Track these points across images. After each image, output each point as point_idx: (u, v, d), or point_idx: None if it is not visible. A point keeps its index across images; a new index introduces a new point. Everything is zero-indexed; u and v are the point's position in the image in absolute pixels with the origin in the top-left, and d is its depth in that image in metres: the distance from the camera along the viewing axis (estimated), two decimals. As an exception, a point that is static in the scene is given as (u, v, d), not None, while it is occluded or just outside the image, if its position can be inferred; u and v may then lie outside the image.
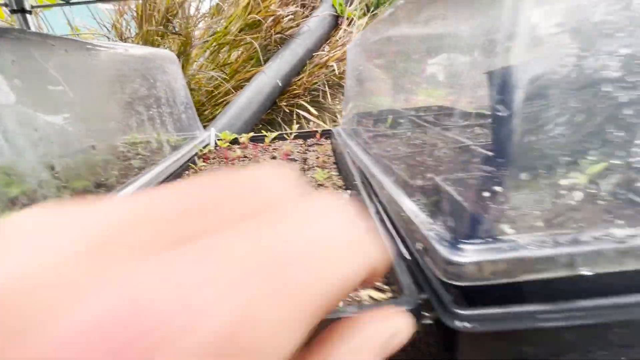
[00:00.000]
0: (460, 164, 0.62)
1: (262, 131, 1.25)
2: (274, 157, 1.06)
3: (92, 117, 0.78)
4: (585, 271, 0.30)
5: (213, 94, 2.68)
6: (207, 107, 2.73)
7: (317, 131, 1.27)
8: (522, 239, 0.34)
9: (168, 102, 1.02)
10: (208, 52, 2.66)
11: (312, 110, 2.17)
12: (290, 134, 1.21)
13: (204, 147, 1.12)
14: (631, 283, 0.35)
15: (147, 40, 2.16)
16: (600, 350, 0.39)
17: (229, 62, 2.66)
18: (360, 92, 1.27)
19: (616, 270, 0.32)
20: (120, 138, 0.86)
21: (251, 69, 2.50)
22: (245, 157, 1.06)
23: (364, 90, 1.28)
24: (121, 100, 0.88)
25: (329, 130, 1.33)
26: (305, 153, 1.10)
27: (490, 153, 0.65)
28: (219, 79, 2.48)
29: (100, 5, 2.43)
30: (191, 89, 2.50)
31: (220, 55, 2.69)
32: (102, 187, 0.76)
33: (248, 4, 2.32)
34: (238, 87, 2.49)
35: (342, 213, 0.10)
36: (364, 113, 1.42)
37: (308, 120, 2.20)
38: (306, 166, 0.95)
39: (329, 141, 1.26)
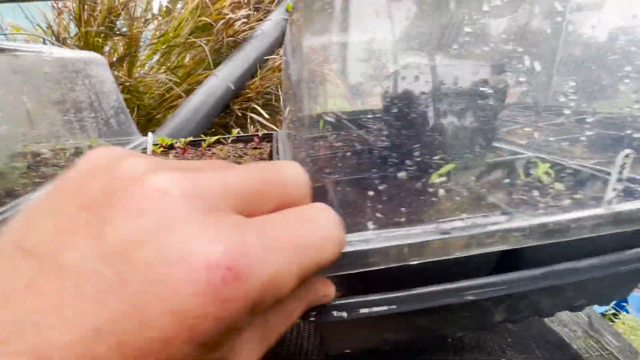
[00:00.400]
0: (359, 165, 0.66)
1: (214, 135, 1.25)
2: None
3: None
4: (415, 261, 0.34)
5: (165, 97, 2.60)
6: (159, 110, 2.64)
7: (257, 135, 1.27)
8: (370, 235, 0.37)
9: (92, 107, 0.98)
10: (159, 54, 2.58)
11: (264, 114, 2.18)
12: (228, 138, 1.21)
13: (136, 153, 1.09)
14: (473, 268, 0.39)
15: (87, 41, 2.06)
16: (454, 333, 0.43)
17: (181, 65, 2.59)
18: (293, 94, 1.29)
19: (443, 258, 0.36)
20: (35, 145, 0.82)
21: (204, 72, 2.46)
22: (177, 162, 1.04)
23: (297, 92, 1.30)
24: (34, 105, 0.84)
25: (271, 133, 1.34)
26: (241, 157, 1.10)
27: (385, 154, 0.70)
28: (170, 82, 2.42)
29: (37, 3, 2.29)
30: (139, 92, 2.41)
31: (171, 58, 2.62)
32: (9, 196, 0.72)
33: (197, 6, 2.28)
34: (190, 91, 2.44)
35: (332, 215, 0.18)
36: (299, 117, 1.45)
37: (261, 124, 2.20)
38: None
39: (269, 145, 1.27)
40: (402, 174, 0.54)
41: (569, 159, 0.60)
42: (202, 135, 1.28)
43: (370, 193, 0.52)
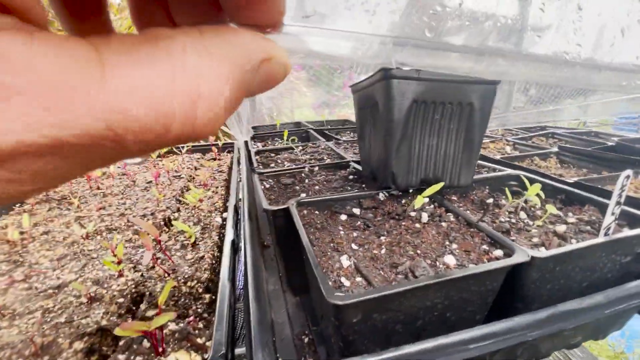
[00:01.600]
0: (329, 182, 0.58)
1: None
2: (158, 175, 0.92)
3: None
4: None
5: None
6: None
7: (216, 144, 1.16)
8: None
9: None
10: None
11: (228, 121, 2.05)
12: (182, 147, 1.09)
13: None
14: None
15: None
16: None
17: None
18: (256, 104, 1.21)
19: (436, 302, 0.29)
20: None
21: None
22: (112, 175, 0.90)
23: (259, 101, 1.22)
24: None
25: (232, 143, 1.24)
26: (197, 169, 0.98)
27: (358, 167, 0.62)
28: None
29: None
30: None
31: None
32: None
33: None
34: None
35: None
36: (264, 126, 1.37)
37: (223, 132, 2.07)
38: (191, 184, 0.84)
39: (231, 155, 1.16)
40: (380, 195, 0.47)
41: (547, 175, 0.58)
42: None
43: (343, 217, 0.44)
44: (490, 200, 0.48)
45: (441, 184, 0.38)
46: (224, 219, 0.62)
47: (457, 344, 0.29)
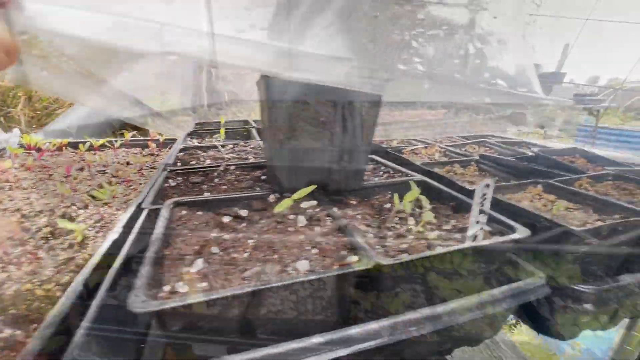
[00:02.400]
0: (237, 182, 0.57)
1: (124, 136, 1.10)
2: (81, 169, 0.87)
3: None
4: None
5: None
6: (61, 104, 2.31)
7: (155, 139, 1.12)
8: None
9: None
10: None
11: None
12: (116, 141, 1.04)
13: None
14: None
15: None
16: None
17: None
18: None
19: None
20: None
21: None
22: (30, 168, 0.84)
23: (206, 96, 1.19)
24: None
25: (175, 139, 1.19)
26: (128, 165, 0.94)
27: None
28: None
29: None
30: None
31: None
32: None
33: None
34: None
35: None
36: (211, 122, 1.33)
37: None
38: (114, 179, 0.80)
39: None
40: (270, 197, 0.46)
41: (453, 182, 0.59)
42: (85, 137, 1.08)
43: (226, 219, 0.43)
44: (389, 205, 0.48)
45: (311, 188, 0.37)
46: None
47: (289, 353, 0.28)
